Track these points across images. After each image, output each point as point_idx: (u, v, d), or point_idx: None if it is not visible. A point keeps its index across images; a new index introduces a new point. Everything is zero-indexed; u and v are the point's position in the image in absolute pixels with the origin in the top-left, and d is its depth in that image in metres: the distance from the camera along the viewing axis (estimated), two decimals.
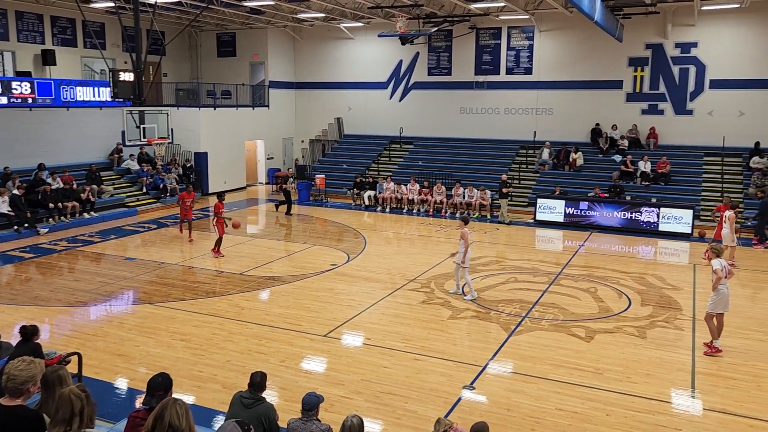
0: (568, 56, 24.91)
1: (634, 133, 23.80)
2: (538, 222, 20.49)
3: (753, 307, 12.23)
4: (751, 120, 22.23)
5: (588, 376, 8.93)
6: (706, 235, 18.47)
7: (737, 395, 8.39)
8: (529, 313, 11.59)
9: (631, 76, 24.07)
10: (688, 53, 23.10)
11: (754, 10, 21.19)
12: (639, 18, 22.43)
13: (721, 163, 22.06)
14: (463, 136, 26.73)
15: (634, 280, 13.94)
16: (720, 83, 22.74)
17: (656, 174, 21.73)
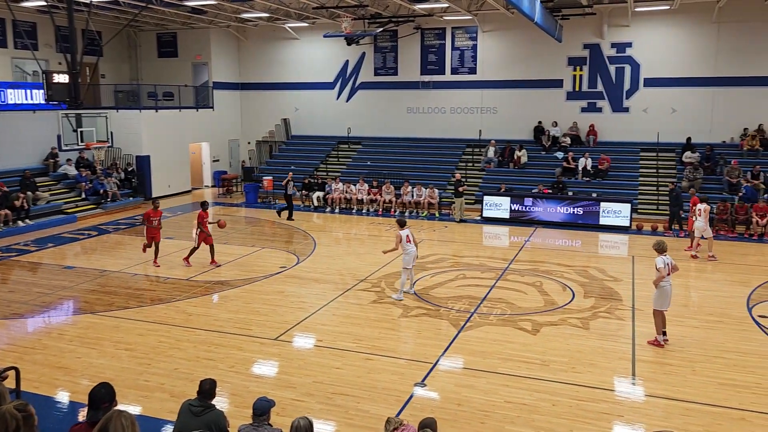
0: (511, 56, 25.45)
1: (575, 131, 24.53)
2: (485, 219, 20.87)
3: (686, 295, 12.80)
4: (682, 116, 23.24)
5: (535, 368, 9.17)
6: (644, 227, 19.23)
7: (674, 380, 8.78)
8: (478, 309, 11.80)
9: (571, 75, 24.79)
10: (624, 53, 23.97)
11: (684, 11, 22.16)
12: (577, 19, 23.12)
13: (656, 158, 22.98)
14: (410, 136, 26.94)
15: (577, 273, 14.38)
16: (654, 82, 23.68)
17: (596, 170, 22.45)
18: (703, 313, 11.65)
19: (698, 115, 23.10)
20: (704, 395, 8.31)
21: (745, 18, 21.87)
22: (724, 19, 22.16)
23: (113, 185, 22.67)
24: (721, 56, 22.61)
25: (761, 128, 22.18)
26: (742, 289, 13.09)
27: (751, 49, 22.15)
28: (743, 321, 11.23)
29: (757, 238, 18.01)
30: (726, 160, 21.28)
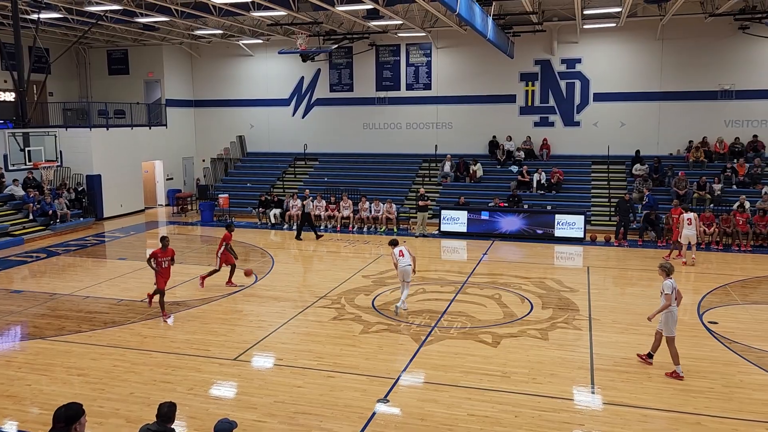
0: (465, 72, 25.89)
1: (529, 145, 25.04)
2: (443, 233, 21.03)
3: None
4: (631, 130, 24.01)
5: (496, 380, 9.23)
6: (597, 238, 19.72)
7: (631, 388, 8.96)
8: (439, 323, 11.83)
9: (523, 90, 25.36)
10: (574, 68, 24.68)
11: (629, 29, 22.98)
12: (528, 35, 23.70)
13: (607, 170, 23.65)
14: (367, 151, 27.03)
15: (534, 284, 14.60)
16: (603, 96, 24.43)
17: (550, 183, 22.93)
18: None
19: (646, 129, 23.91)
20: (660, 401, 8.51)
21: (686, 35, 22.83)
22: (667, 36, 23.08)
23: (63, 206, 21.96)
24: (665, 72, 23.52)
25: (705, 140, 23.09)
26: (694, 296, 13.50)
27: (693, 64, 23.11)
28: (695, 327, 11.58)
29: (705, 247, 18.64)
30: (674, 171, 22.04)
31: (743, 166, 21.67)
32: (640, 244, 19.29)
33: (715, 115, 23.11)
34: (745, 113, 22.84)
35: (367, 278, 15.28)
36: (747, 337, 10.89)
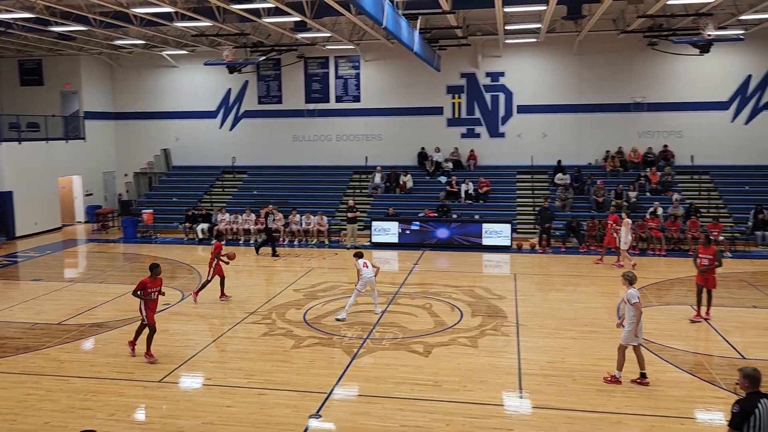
0: (393, 84, 26.19)
1: (456, 156, 25.56)
2: (375, 244, 21.09)
3: (567, 309, 13.58)
4: (553, 141, 24.95)
5: (428, 390, 9.30)
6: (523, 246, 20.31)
7: (557, 390, 9.23)
8: (371, 335, 11.82)
9: (450, 102, 25.91)
10: (497, 81, 25.44)
11: (549, 44, 23.92)
12: (453, 49, 24.26)
13: (531, 180, 24.46)
14: (297, 164, 26.82)
15: (464, 293, 14.85)
16: (526, 108, 25.28)
17: (478, 193, 23.46)
18: (580, 324, 12.40)
19: (567, 139, 24.90)
20: (584, 402, 8.81)
21: (601, 50, 23.99)
22: (583, 52, 24.17)
23: None
24: (583, 85, 24.61)
25: (620, 150, 24.28)
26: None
27: (608, 78, 24.30)
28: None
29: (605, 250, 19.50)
30: (593, 180, 23.03)
31: (655, 174, 22.91)
32: (563, 250, 20.01)
33: (629, 127, 24.36)
34: (656, 124, 24.19)
35: (298, 292, 15.11)
36: (662, 337, 11.45)
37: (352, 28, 22.95)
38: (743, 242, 19.81)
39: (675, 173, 23.20)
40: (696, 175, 23.31)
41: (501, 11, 17.98)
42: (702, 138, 23.69)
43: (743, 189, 22.44)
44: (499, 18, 19.10)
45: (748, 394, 5.66)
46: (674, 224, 19.75)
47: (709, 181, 23.11)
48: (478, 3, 18.65)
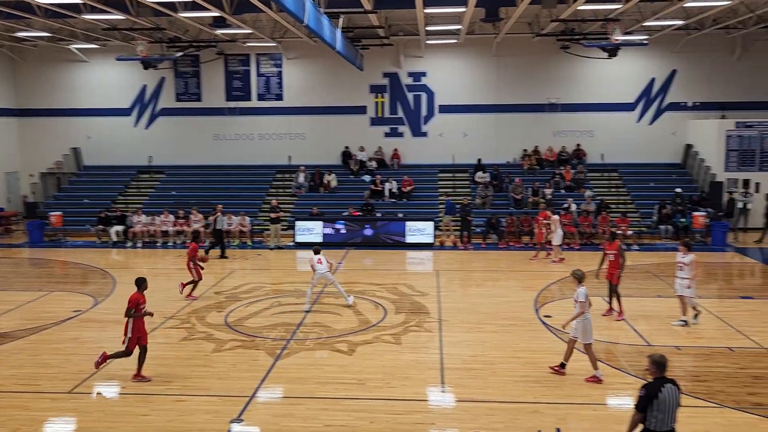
0: (316, 83, 26.03)
1: (380, 155, 25.71)
2: (298, 244, 20.89)
3: (487, 303, 13.92)
4: (473, 140, 25.54)
5: (352, 388, 9.30)
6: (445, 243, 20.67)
7: (478, 383, 9.46)
8: (294, 335, 11.70)
9: (373, 102, 26.03)
10: (420, 81, 25.78)
11: (469, 45, 24.47)
12: (376, 49, 24.38)
13: (453, 178, 24.96)
14: (218, 163, 26.16)
15: (388, 290, 14.96)
16: (447, 108, 25.76)
17: (401, 192, 23.70)
18: (500, 318, 12.76)
19: (486, 139, 25.56)
20: (504, 393, 9.07)
21: (518, 52, 24.78)
22: (501, 53, 24.89)
23: None
24: (501, 86, 25.34)
25: (537, 149, 25.17)
26: (530, 293, 14.60)
27: (524, 79, 25.13)
28: (532, 322, 12.50)
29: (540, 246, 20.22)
30: (511, 178, 23.75)
31: (569, 172, 23.93)
32: (484, 246, 20.54)
33: (544, 126, 25.30)
34: (569, 124, 25.25)
35: (219, 294, 14.74)
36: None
37: (274, 26, 22.61)
38: (649, 236, 21.00)
39: (587, 171, 24.30)
40: (606, 172, 24.54)
41: (422, 12, 18.22)
42: (611, 137, 24.93)
43: (649, 186, 23.78)
44: (420, 19, 19.35)
45: (655, 379, 6.00)
46: (586, 220, 20.69)
47: (618, 179, 24.38)
48: (399, 3, 18.83)
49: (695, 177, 23.86)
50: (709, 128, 23.36)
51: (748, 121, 22.68)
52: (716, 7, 18.41)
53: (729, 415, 8.35)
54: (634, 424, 5.97)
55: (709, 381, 9.44)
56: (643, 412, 5.87)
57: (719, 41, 23.88)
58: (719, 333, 11.72)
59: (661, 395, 5.84)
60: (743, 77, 24.13)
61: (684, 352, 10.65)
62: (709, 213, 21.09)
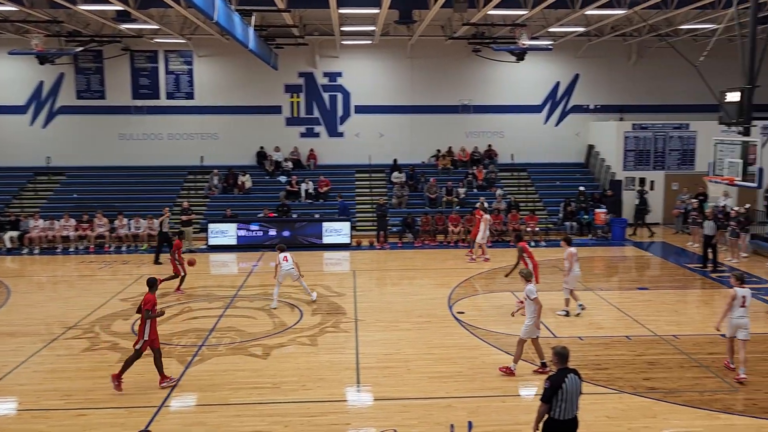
0: (229, 82, 25.42)
1: (296, 155, 25.46)
2: (211, 247, 20.33)
3: (402, 302, 14.08)
4: (389, 140, 25.78)
5: (267, 393, 9.15)
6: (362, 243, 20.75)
7: (393, 381, 9.55)
8: (206, 341, 11.37)
9: (289, 101, 25.73)
10: (335, 82, 25.73)
11: (384, 46, 24.67)
12: (291, 48, 24.10)
13: (369, 178, 25.10)
14: (124, 164, 25.01)
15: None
16: (363, 109, 25.86)
17: (318, 192, 23.57)
18: (414, 315, 12.94)
19: (402, 139, 25.87)
20: (418, 390, 9.21)
21: (431, 55, 25.24)
22: (415, 55, 25.26)
23: None
24: (416, 87, 25.72)
25: (450, 150, 25.74)
26: (444, 290, 14.91)
27: (438, 81, 25.63)
28: (446, 318, 12.76)
29: (453, 244, 20.76)
30: (426, 178, 24.17)
31: (481, 171, 24.64)
32: (400, 246, 20.79)
33: (457, 127, 25.91)
34: (481, 125, 26.00)
35: (126, 301, 14.09)
36: (487, 322, 12.32)
37: (183, 22, 21.89)
38: (555, 232, 21.95)
39: (498, 171, 25.11)
40: (516, 172, 25.47)
41: (336, 12, 18.21)
42: (520, 138, 25.89)
43: (555, 184, 24.88)
44: (335, 19, 19.33)
45: (558, 370, 6.26)
46: (497, 218, 21.37)
47: (527, 178, 25.36)
48: (312, 2, 18.75)
49: (597, 176, 25.20)
50: (609, 130, 24.74)
51: (644, 123, 24.20)
52: (613, 16, 19.52)
53: (627, 400, 8.87)
54: (541, 415, 6.22)
55: (609, 368, 9.99)
56: (549, 403, 6.12)
57: (617, 48, 25.35)
58: (618, 323, 12.43)
59: (565, 385, 6.10)
60: (639, 82, 25.73)
61: (586, 342, 11.21)
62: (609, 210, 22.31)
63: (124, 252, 20.03)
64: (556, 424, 6.11)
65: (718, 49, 21.69)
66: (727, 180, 14.43)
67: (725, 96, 14.35)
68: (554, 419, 6.12)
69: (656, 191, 24.04)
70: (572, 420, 6.15)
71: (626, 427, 8.09)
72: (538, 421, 6.23)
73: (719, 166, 14.66)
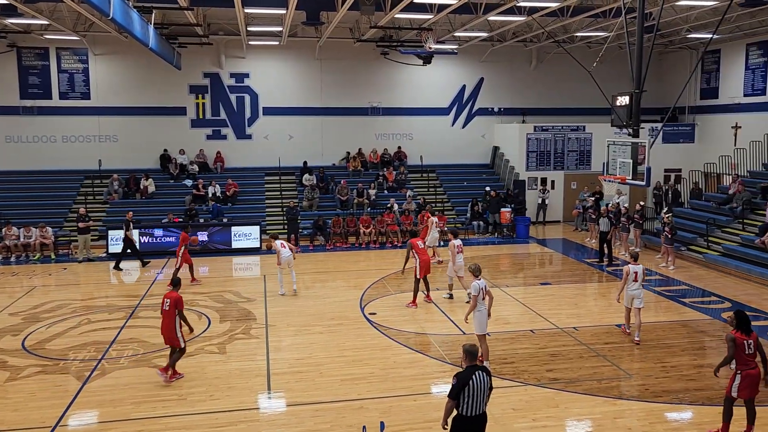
0: (129, 82, 24.26)
1: (202, 158, 24.68)
2: (112, 255, 19.31)
3: (314, 305, 13.96)
4: (299, 143, 25.52)
5: (172, 405, 8.79)
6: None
7: (305, 386, 9.44)
8: (106, 354, 10.78)
9: (194, 102, 24.90)
10: (242, 83, 25.17)
11: (292, 47, 24.38)
12: (195, 47, 23.35)
13: (279, 181, 24.74)
14: (12, 168, 23.27)
15: (212, 299, 14.39)
16: (272, 110, 25.44)
17: (226, 196, 22.97)
18: (326, 318, 12.87)
19: (312, 141, 25.68)
20: (330, 393, 9.15)
21: (340, 57, 25.22)
22: (324, 57, 25.15)
23: None
24: (325, 89, 25.61)
25: (361, 152, 25.84)
26: (356, 292, 14.93)
27: (347, 83, 25.65)
28: (358, 320, 12.77)
29: (365, 246, 20.85)
30: (336, 180, 24.13)
31: (392, 173, 24.91)
32: (311, 248, 20.63)
33: (367, 129, 26.06)
34: (391, 128, 26.28)
35: (15, 316, 13.12)
36: (398, 322, 12.45)
37: (77, 18, 20.66)
38: (463, 231, 22.50)
39: (408, 172, 25.49)
40: (425, 173, 25.93)
41: (242, 12, 17.81)
42: (429, 140, 26.39)
43: (462, 185, 25.56)
44: (241, 18, 18.89)
45: (466, 368, 6.37)
46: (408, 218, 21.67)
47: (436, 179, 25.89)
48: (216, 1, 18.22)
49: (502, 176, 26.12)
50: (512, 132, 25.72)
51: (544, 126, 25.35)
52: (514, 22, 20.29)
53: (531, 392, 9.22)
54: (449, 411, 6.31)
55: (515, 362, 10.36)
56: (456, 399, 6.22)
57: (519, 53, 26.40)
58: (523, 318, 12.92)
59: (472, 382, 6.21)
60: (539, 86, 26.91)
61: (494, 338, 11.54)
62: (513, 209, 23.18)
63: (13, 263, 18.65)
64: (464, 420, 6.22)
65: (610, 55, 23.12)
66: (620, 179, 15.37)
67: (616, 100, 15.29)
68: (462, 415, 6.22)
69: (557, 190, 25.26)
70: (480, 416, 6.26)
71: (531, 417, 8.41)
72: (446, 417, 6.33)
73: (612, 165, 15.57)
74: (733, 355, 7.55)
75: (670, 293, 14.85)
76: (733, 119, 23.44)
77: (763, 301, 14.09)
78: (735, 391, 7.56)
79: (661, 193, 23.89)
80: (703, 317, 12.94)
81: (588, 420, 8.37)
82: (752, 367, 7.55)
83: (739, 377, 7.53)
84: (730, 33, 22.29)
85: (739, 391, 7.54)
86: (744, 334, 7.61)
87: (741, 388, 7.54)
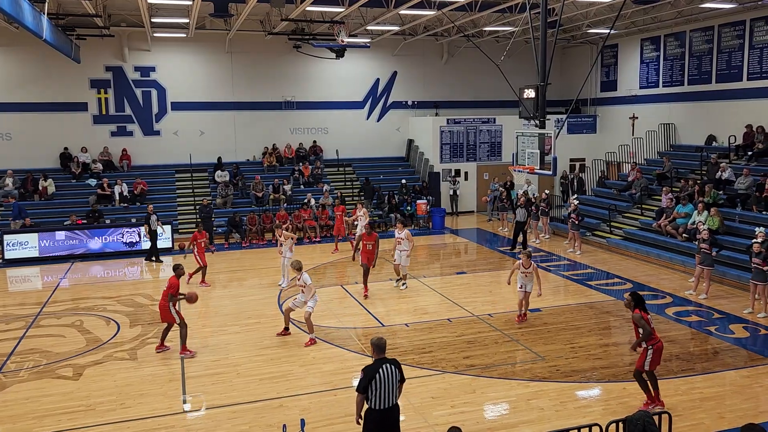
0: (23, 76, 22.66)
1: (107, 156, 23.48)
2: (8, 261, 18.06)
3: (230, 305, 13.65)
4: (211, 138, 24.77)
5: (79, 417, 8.34)
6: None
7: (222, 388, 9.21)
8: (4, 367, 10.07)
9: (96, 98, 23.62)
10: (148, 77, 24.11)
11: (200, 40, 23.59)
12: (95, 40, 22.14)
13: (191, 178, 23.94)
14: None
15: (122, 303, 13.76)
16: (181, 105, 24.53)
17: (134, 195, 21.98)
18: (243, 317, 12.61)
19: (225, 137, 25.00)
20: (248, 394, 8.97)
21: (252, 50, 24.66)
22: (234, 50, 24.51)
23: None
24: (237, 83, 24.97)
25: (275, 147, 25.43)
26: (274, 289, 14.71)
27: (260, 77, 25.12)
28: (276, 318, 12.53)
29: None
30: (246, 177, 23.61)
31: (307, 168, 24.69)
32: (227, 246, 20.13)
33: (281, 124, 25.67)
34: (306, 122, 26.01)
35: None
36: (317, 318, 12.31)
37: None
38: (382, 224, 22.70)
39: (324, 166, 25.34)
40: (341, 167, 25.88)
41: (144, 2, 17.05)
42: (345, 134, 26.34)
43: (379, 178, 25.71)
44: (144, 9, 18.08)
45: (374, 361, 6.40)
46: (324, 213, 21.57)
47: (352, 172, 25.90)
48: None
49: (417, 169, 26.48)
50: (426, 124, 26.10)
51: (457, 118, 25.90)
52: (425, 16, 20.57)
53: (449, 379, 9.42)
54: (359, 405, 6.33)
55: (433, 351, 10.54)
56: (365, 393, 6.23)
57: (431, 47, 26.80)
58: (440, 307, 13.18)
59: (379, 375, 6.21)
60: (451, 79, 27.43)
61: (412, 328, 11.73)
62: (429, 200, 23.57)
63: None
64: (374, 413, 6.22)
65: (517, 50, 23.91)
66: (528, 169, 15.94)
67: (524, 92, 15.81)
68: (372, 409, 6.23)
69: (470, 182, 25.91)
70: (391, 408, 6.27)
71: (449, 404, 8.59)
72: (359, 411, 6.33)
73: (521, 156, 16.12)
74: (651, 330, 8.08)
75: (577, 277, 15.60)
76: (630, 110, 24.85)
77: (661, 281, 15.08)
78: (647, 365, 8.10)
79: (567, 181, 25.01)
80: (607, 298, 13.68)
81: (504, 403, 8.65)
82: (658, 341, 8.14)
83: (651, 351, 8.08)
84: (626, 29, 23.62)
85: (650, 364, 8.10)
86: (644, 312, 8.16)
87: (653, 362, 8.13)
